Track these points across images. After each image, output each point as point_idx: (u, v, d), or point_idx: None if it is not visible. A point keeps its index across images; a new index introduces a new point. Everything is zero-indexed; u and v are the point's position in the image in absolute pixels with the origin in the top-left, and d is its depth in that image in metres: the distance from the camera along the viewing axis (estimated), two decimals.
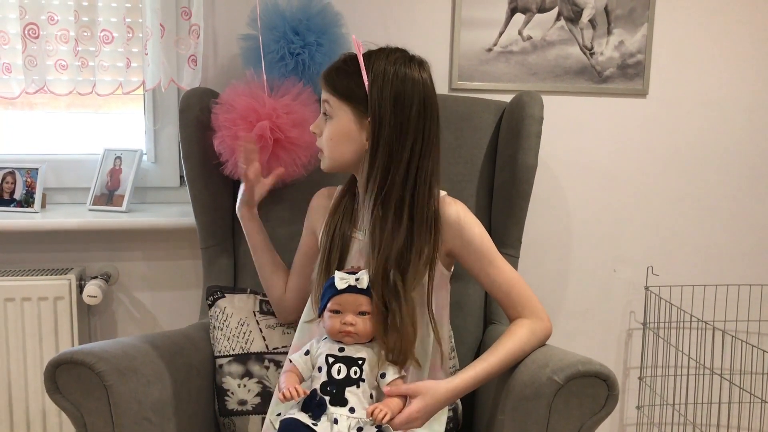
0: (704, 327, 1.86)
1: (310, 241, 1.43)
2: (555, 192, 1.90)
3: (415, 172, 1.22)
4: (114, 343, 1.27)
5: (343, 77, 1.25)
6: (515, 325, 1.27)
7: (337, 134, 1.26)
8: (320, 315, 1.23)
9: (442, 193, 1.31)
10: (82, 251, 1.80)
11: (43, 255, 1.79)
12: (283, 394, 1.12)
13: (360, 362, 1.17)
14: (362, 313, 1.19)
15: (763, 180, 1.96)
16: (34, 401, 1.68)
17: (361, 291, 1.18)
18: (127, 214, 1.74)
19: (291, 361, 1.22)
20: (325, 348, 1.20)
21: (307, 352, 1.22)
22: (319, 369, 1.18)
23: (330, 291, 1.19)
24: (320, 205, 1.41)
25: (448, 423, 1.32)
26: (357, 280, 1.18)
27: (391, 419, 1.12)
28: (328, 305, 1.19)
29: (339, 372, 1.16)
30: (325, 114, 1.27)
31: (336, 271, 1.21)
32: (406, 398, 1.17)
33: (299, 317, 1.38)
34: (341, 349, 1.19)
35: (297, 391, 1.12)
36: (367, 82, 1.21)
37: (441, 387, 1.18)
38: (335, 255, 1.28)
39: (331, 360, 1.17)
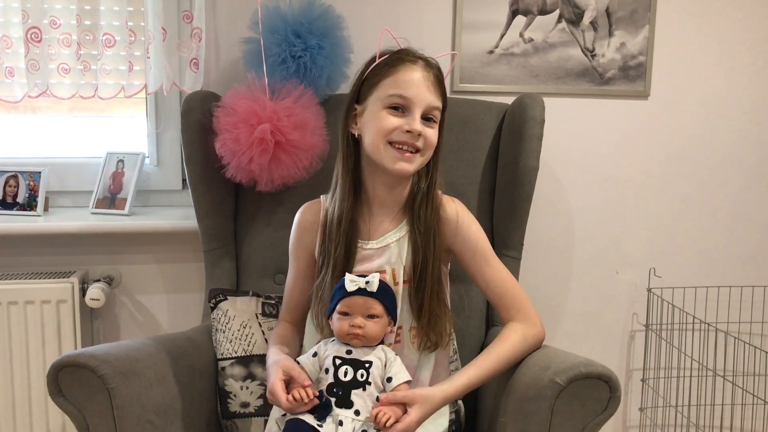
0: (707, 328, 1.85)
1: (308, 261, 1.37)
2: (557, 194, 1.90)
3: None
4: (116, 346, 1.27)
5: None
6: (508, 329, 1.28)
7: (436, 140, 1.29)
8: (329, 317, 1.23)
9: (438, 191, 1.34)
10: (84, 254, 1.81)
11: (45, 258, 1.80)
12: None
13: (367, 365, 1.17)
14: (371, 317, 1.19)
15: (764, 181, 1.96)
16: (37, 404, 1.68)
17: (370, 294, 1.18)
18: (130, 218, 1.74)
19: (299, 363, 1.22)
20: (332, 350, 1.20)
21: (314, 354, 1.22)
22: (326, 371, 1.18)
23: (339, 293, 1.20)
24: (310, 221, 1.37)
25: (450, 425, 1.32)
26: (367, 283, 1.18)
27: (395, 422, 1.12)
28: (337, 307, 1.20)
29: (346, 374, 1.16)
30: (429, 119, 1.27)
31: (347, 274, 1.21)
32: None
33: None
34: (349, 352, 1.19)
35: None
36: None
37: (437, 395, 1.18)
38: (341, 267, 1.28)
39: (338, 362, 1.17)
